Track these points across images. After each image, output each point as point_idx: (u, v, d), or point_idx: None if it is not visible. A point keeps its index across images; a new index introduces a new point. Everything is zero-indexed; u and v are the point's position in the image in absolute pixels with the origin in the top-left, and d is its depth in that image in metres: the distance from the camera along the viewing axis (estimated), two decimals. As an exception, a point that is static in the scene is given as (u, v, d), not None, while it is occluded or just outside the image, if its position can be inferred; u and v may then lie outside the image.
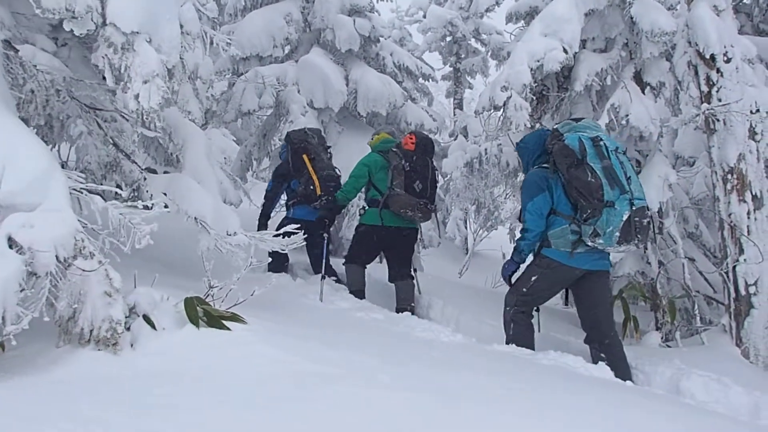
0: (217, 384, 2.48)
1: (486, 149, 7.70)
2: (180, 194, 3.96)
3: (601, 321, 4.22)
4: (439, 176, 5.56)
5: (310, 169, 6.06)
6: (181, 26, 3.55)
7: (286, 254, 5.74)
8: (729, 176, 5.16)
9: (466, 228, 13.60)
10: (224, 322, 3.00)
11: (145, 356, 2.74)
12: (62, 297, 2.75)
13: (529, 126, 5.84)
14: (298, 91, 7.98)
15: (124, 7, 3.16)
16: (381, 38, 8.95)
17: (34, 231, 2.69)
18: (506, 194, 9.90)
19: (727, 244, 5.18)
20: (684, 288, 5.65)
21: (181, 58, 3.53)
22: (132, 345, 2.81)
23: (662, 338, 5.43)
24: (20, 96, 3.60)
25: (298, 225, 4.10)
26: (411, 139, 5.49)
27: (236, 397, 2.35)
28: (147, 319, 2.89)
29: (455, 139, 13.61)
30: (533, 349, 4.24)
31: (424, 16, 17.98)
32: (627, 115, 5.57)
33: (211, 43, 4.24)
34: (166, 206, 3.91)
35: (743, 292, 5.05)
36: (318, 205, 5.91)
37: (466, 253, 12.75)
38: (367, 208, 5.61)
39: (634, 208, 3.89)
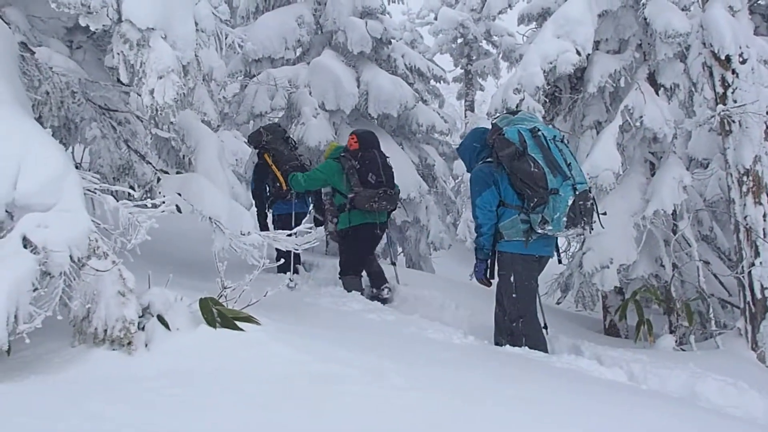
0: (230, 384, 2.48)
1: (498, 151, 7.66)
2: (194, 194, 3.97)
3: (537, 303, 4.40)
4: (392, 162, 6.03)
5: (273, 168, 6.44)
6: (196, 23, 3.57)
7: (297, 254, 5.86)
8: (744, 178, 5.12)
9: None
10: (237, 322, 3.00)
11: (159, 356, 2.74)
12: (76, 297, 2.77)
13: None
14: (310, 93, 7.99)
15: (139, 4, 3.19)
16: (392, 40, 8.94)
17: (49, 231, 2.70)
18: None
19: (742, 246, 5.14)
20: (699, 291, 5.60)
21: (196, 55, 3.53)
22: (146, 345, 2.82)
23: (676, 341, 5.39)
24: (36, 97, 3.63)
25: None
26: (353, 138, 5.80)
27: (250, 397, 2.35)
28: (161, 319, 2.90)
29: (467, 142, 13.60)
30: (547, 350, 4.29)
31: (436, 18, 17.97)
32: (641, 117, 5.54)
33: (226, 39, 4.26)
34: (178, 208, 3.94)
35: (759, 296, 5.01)
36: (289, 199, 6.36)
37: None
38: (339, 215, 5.89)
39: (577, 193, 4.03)
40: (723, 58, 5.17)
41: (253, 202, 6.77)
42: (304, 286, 5.71)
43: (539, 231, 4.13)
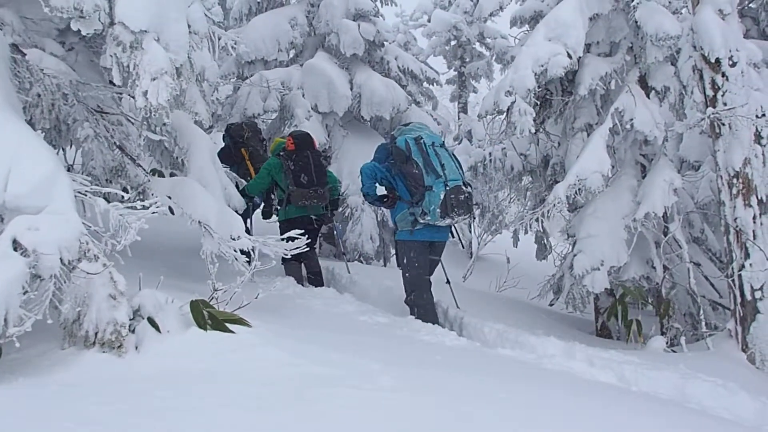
0: (221, 386, 2.48)
1: (490, 153, 7.70)
2: (184, 198, 3.97)
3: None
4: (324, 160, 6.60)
5: (248, 163, 6.83)
6: (189, 26, 3.58)
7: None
8: (734, 181, 5.14)
9: (470, 232, 13.56)
10: (228, 325, 3.00)
11: (149, 358, 2.74)
12: (67, 299, 2.76)
13: (533, 131, 5.83)
14: (303, 95, 8.00)
15: (132, 7, 3.20)
16: (385, 42, 8.96)
17: (39, 234, 2.70)
18: (510, 198, 9.87)
19: (732, 248, 5.16)
20: (689, 293, 5.63)
21: (189, 57, 3.54)
22: (137, 347, 2.82)
23: (667, 343, 5.40)
24: (27, 99, 3.62)
25: None
26: (290, 140, 6.22)
27: (240, 400, 2.35)
28: (152, 321, 2.89)
29: (459, 143, 13.59)
30: (437, 319, 5.06)
31: (429, 21, 17.97)
32: (631, 120, 5.56)
33: (219, 40, 4.27)
34: (171, 210, 3.93)
35: (749, 297, 5.03)
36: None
37: (471, 257, 12.72)
38: (278, 208, 6.31)
39: (448, 188, 4.80)
40: (713, 61, 5.20)
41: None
42: (295, 289, 5.70)
43: (421, 221, 4.93)
